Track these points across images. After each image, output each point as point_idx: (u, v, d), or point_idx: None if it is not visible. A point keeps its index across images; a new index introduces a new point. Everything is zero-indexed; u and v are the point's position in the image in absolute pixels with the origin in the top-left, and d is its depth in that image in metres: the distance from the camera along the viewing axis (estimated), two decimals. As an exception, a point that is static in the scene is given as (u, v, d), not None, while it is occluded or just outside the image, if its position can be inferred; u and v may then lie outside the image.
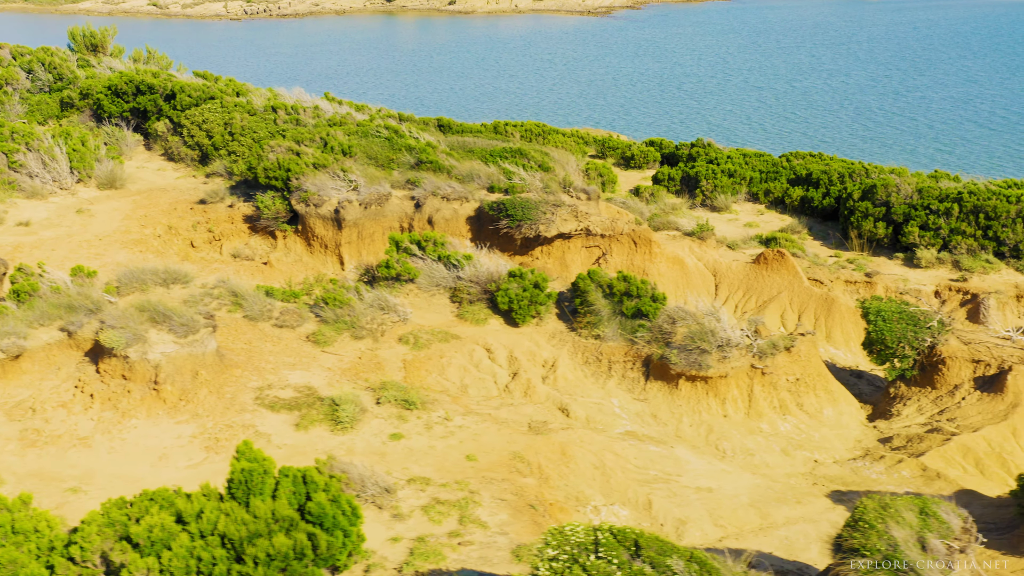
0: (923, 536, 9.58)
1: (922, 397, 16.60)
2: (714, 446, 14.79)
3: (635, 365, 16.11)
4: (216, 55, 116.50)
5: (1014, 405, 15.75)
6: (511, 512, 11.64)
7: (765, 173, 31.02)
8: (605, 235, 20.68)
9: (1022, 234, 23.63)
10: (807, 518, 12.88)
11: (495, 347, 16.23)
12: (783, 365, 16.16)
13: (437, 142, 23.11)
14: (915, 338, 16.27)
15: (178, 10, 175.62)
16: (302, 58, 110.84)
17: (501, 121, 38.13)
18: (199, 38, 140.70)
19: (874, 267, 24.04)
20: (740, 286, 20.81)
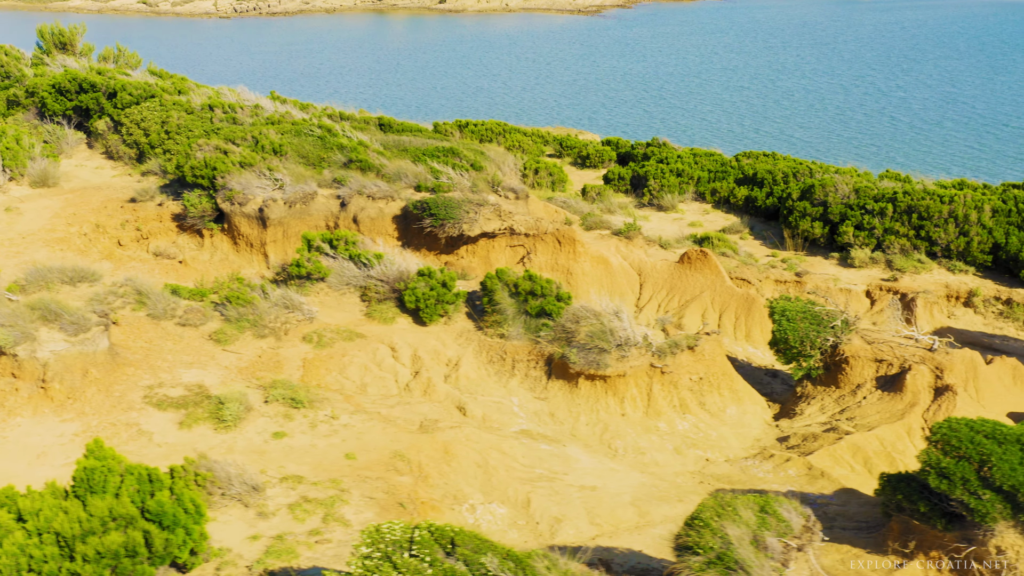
0: (759, 534, 9.64)
1: (826, 396, 16.68)
2: (607, 445, 14.85)
3: (538, 364, 16.18)
4: (198, 54, 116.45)
5: (912, 405, 15.84)
6: (378, 510, 11.69)
7: (714, 173, 31.09)
8: (529, 234, 20.73)
9: (953, 234, 23.70)
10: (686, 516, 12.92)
11: (400, 346, 16.29)
12: (686, 364, 16.22)
13: (370, 141, 23.15)
14: (818, 337, 16.34)
15: (168, 8, 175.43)
16: (285, 57, 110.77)
17: (450, 121, 38.21)
18: (186, 36, 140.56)
19: (807, 267, 24.12)
20: (664, 285, 20.88)
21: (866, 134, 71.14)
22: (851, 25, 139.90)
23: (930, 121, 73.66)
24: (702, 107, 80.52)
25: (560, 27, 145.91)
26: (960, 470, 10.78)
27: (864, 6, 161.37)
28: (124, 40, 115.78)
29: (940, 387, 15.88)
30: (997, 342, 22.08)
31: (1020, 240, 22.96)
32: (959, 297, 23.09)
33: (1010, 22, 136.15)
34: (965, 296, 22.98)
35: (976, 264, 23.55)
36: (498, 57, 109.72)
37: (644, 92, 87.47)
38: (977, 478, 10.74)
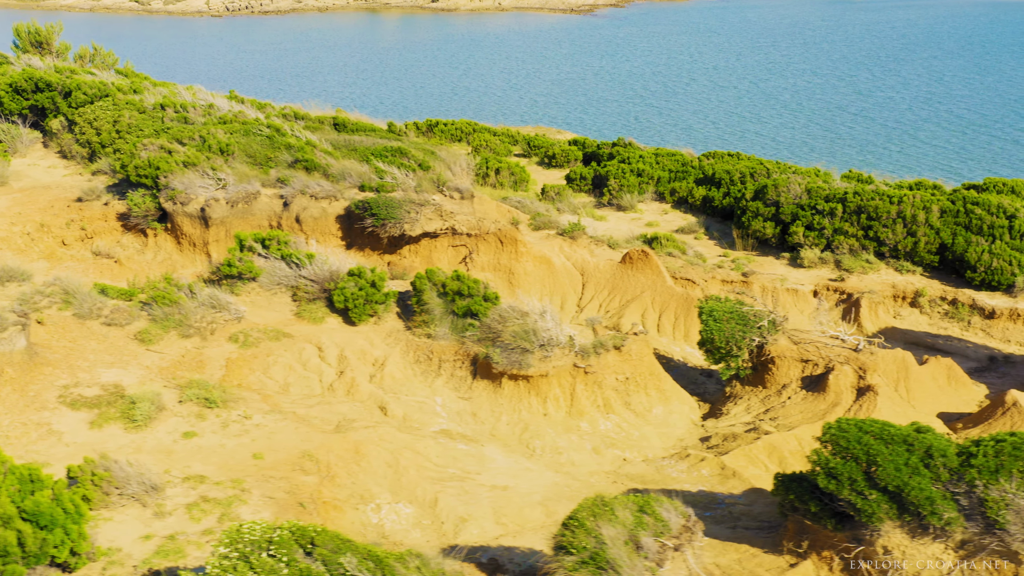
0: (635, 534, 9.69)
1: (752, 396, 16.73)
2: (526, 444, 14.90)
3: (464, 364, 16.22)
4: (185, 53, 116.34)
5: (834, 404, 15.90)
6: (276, 510, 11.73)
7: (674, 173, 31.13)
8: (471, 234, 20.77)
9: (901, 235, 23.76)
10: (593, 516, 12.97)
11: (327, 346, 16.33)
12: (612, 364, 16.27)
13: (319, 141, 23.18)
14: (743, 338, 16.39)
15: (160, 6, 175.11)
16: (273, 56, 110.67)
17: (420, 120, 38.22)
18: (175, 35, 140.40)
19: (756, 267, 24.18)
20: (606, 285, 20.92)
21: (848, 134, 71.17)
22: (841, 25, 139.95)
23: (913, 121, 73.72)
24: (685, 107, 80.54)
25: (551, 26, 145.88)
26: (848, 470, 10.84)
27: (856, 6, 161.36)
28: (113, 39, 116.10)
29: (863, 387, 15.93)
30: (940, 342, 22.14)
31: (966, 240, 23.02)
32: (906, 297, 23.15)
33: (1000, 22, 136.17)
34: (911, 296, 23.05)
35: (923, 264, 23.62)
36: (486, 56, 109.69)
37: (629, 92, 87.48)
38: (864, 478, 10.80)
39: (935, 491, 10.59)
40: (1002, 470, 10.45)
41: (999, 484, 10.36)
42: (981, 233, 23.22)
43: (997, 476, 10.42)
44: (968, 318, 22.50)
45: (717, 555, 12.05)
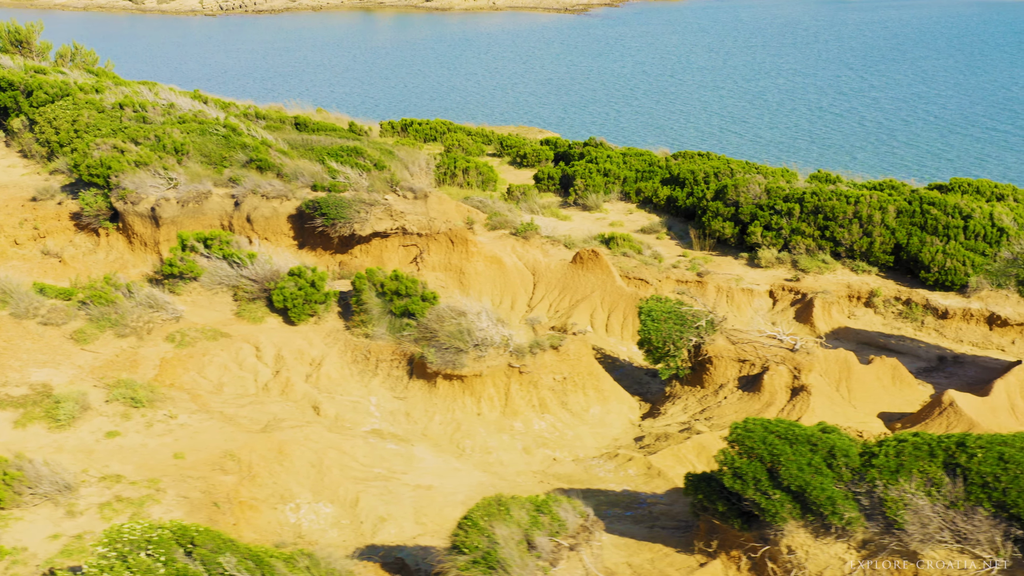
0: (530, 534, 9.72)
1: (690, 396, 16.76)
2: (456, 444, 14.92)
3: (401, 364, 16.24)
4: (175, 52, 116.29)
5: (768, 404, 15.93)
6: (189, 509, 11.76)
7: (641, 172, 31.16)
8: (422, 234, 20.80)
9: (857, 235, 23.79)
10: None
11: (265, 345, 16.35)
12: (550, 364, 16.29)
13: (275, 140, 23.20)
14: (680, 338, 16.42)
15: (153, 5, 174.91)
16: (262, 55, 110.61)
17: (396, 120, 38.22)
18: (166, 34, 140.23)
19: (714, 266, 24.21)
20: (557, 285, 20.95)
21: (830, 135, 71.18)
22: (833, 25, 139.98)
23: (895, 122, 73.75)
24: (670, 108, 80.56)
25: (544, 26, 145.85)
26: (752, 470, 10.88)
27: (850, 5, 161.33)
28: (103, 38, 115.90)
29: (797, 387, 15.97)
30: (893, 342, 22.17)
31: (921, 240, 23.06)
32: (860, 297, 23.18)
33: (992, 22, 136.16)
34: (866, 296, 23.08)
35: (879, 265, 23.64)
36: (476, 56, 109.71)
37: (615, 92, 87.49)
38: (768, 478, 10.84)
39: (837, 491, 10.62)
40: (902, 470, 10.49)
41: (899, 484, 10.40)
42: (936, 233, 23.25)
43: (897, 476, 10.46)
44: (921, 318, 22.53)
45: (631, 554, 12.09)
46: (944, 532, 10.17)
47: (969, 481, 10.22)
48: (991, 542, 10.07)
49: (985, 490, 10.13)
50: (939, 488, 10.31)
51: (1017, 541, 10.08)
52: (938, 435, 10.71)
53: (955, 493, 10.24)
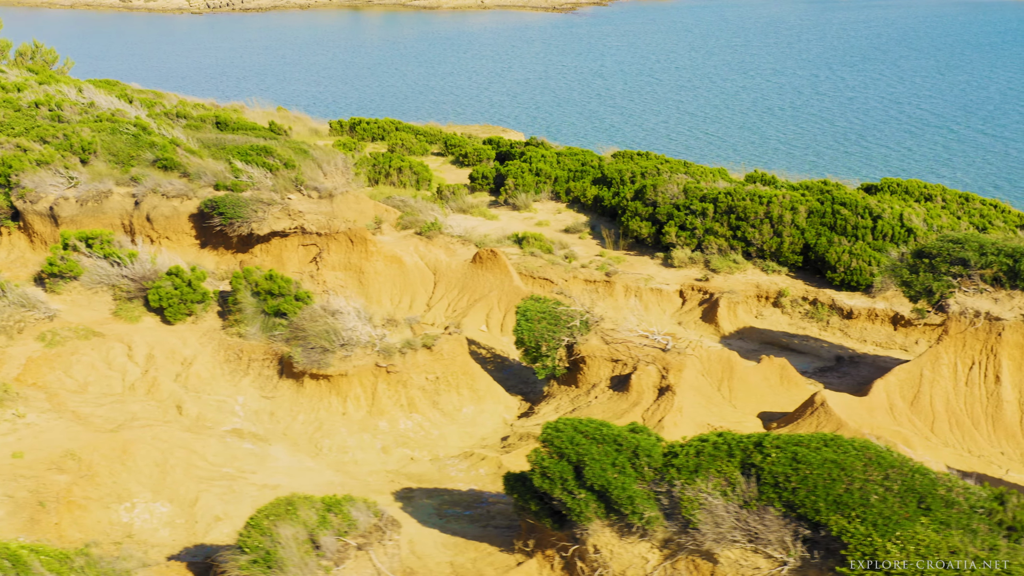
0: (316, 534, 9.76)
1: (565, 396, 16.82)
2: (315, 444, 14.97)
3: (272, 363, 16.28)
4: (151, 51, 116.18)
5: (635, 404, 15.99)
6: (11, 509, 11.80)
7: (574, 172, 31.20)
8: (321, 234, 20.84)
9: (768, 235, 23.85)
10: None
11: (137, 345, 16.37)
12: (422, 364, 16.34)
13: (185, 139, 23.23)
14: (552, 338, 16.46)
15: (140, 3, 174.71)
16: (239, 54, 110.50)
17: (345, 119, 38.23)
18: (147, 33, 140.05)
19: (627, 266, 24.27)
20: (456, 284, 21.00)
21: (803, 135, 71.28)
22: (817, 24, 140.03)
23: (866, 122, 73.77)
24: (644, 107, 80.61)
25: (530, 25, 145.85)
26: (559, 470, 10.93)
27: (838, 4, 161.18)
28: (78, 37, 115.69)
29: (664, 387, 16.02)
30: (796, 342, 22.23)
31: (829, 241, 23.12)
32: (769, 297, 23.24)
33: (978, 23, 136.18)
34: (774, 296, 23.14)
35: (788, 265, 23.71)
36: (456, 55, 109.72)
37: (591, 92, 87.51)
38: (574, 478, 10.89)
39: (638, 490, 10.68)
40: (700, 470, 10.54)
41: (695, 484, 10.45)
42: (845, 234, 23.31)
43: (695, 476, 10.51)
44: (827, 318, 22.60)
45: (457, 554, 12.14)
46: (737, 532, 10.23)
47: (762, 481, 10.28)
48: (781, 542, 10.13)
49: (776, 490, 10.18)
50: (734, 488, 10.36)
51: (806, 541, 10.14)
52: (741, 435, 10.77)
53: (749, 493, 10.30)
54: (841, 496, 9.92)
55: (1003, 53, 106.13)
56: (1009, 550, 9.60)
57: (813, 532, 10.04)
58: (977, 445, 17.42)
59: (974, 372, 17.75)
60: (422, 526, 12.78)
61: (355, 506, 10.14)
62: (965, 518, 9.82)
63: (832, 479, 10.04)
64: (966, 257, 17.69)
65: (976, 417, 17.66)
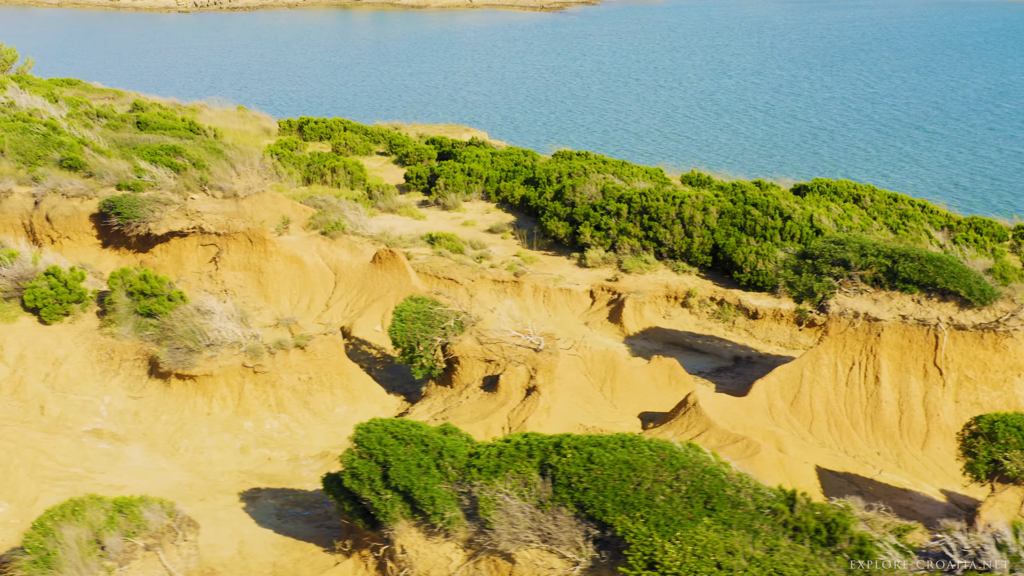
0: (100, 535, 9.79)
1: (439, 396, 16.85)
2: (173, 444, 14.99)
3: (142, 364, 16.30)
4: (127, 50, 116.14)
5: (502, 404, 16.02)
6: None
7: (506, 172, 31.24)
8: (220, 233, 20.86)
9: (679, 235, 23.88)
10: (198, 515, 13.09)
11: (10, 345, 16.39)
12: (294, 364, 16.37)
13: (95, 139, 23.25)
14: (425, 338, 16.49)
15: (128, 2, 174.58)
16: (220, 54, 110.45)
17: (295, 118, 38.26)
18: (129, 32, 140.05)
19: (539, 267, 24.29)
20: (356, 285, 21.03)
21: (776, 135, 71.27)
22: (803, 24, 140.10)
23: (844, 123, 73.71)
24: (619, 107, 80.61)
25: (516, 24, 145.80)
26: (367, 470, 10.97)
27: (826, 4, 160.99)
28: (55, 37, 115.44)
29: (531, 387, 16.05)
30: (700, 342, 22.27)
31: (737, 241, 23.15)
32: (677, 297, 23.28)
33: (963, 22, 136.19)
34: (683, 297, 23.18)
35: (699, 265, 23.75)
36: (436, 54, 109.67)
37: (566, 92, 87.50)
38: (382, 478, 10.92)
39: (441, 491, 10.71)
40: (500, 471, 10.57)
41: (494, 484, 10.48)
42: (754, 234, 23.35)
43: (494, 476, 10.54)
44: (733, 318, 22.63)
45: (283, 554, 12.17)
46: (530, 532, 10.26)
47: (557, 482, 10.32)
48: (573, 542, 10.16)
49: (569, 491, 10.22)
50: (531, 489, 10.40)
51: (597, 541, 10.17)
52: (544, 436, 10.80)
53: (544, 494, 10.33)
54: (628, 497, 9.95)
55: (984, 54, 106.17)
56: (789, 551, 9.65)
57: (602, 532, 10.08)
58: (854, 445, 17.47)
59: (854, 372, 17.80)
60: (258, 526, 12.82)
61: (148, 507, 10.17)
62: (749, 518, 9.85)
63: (622, 480, 10.08)
64: (847, 258, 17.73)
65: (855, 417, 17.70)
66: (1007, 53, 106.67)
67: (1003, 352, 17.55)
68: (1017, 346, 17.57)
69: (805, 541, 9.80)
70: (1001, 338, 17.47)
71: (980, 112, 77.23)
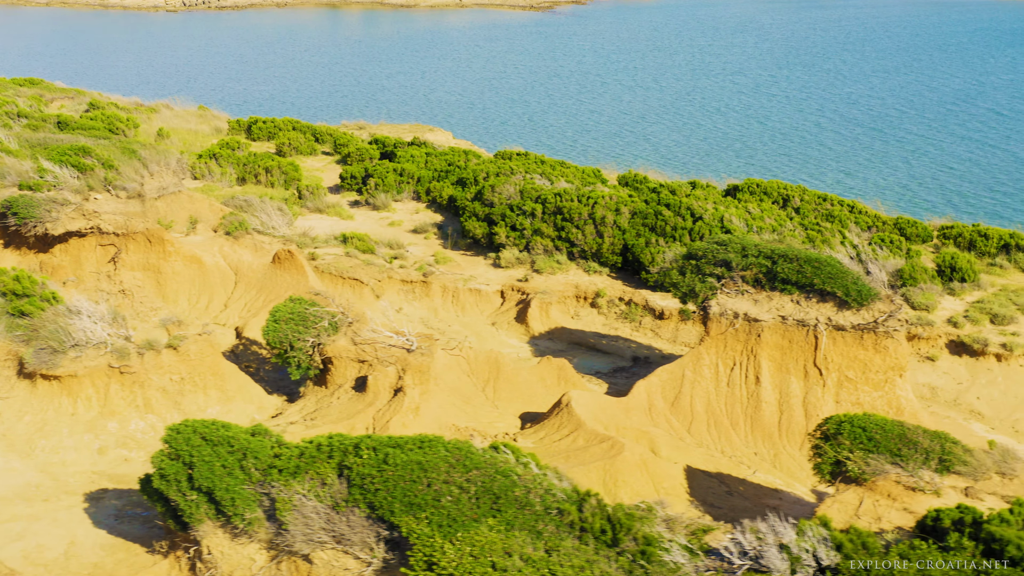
0: None
1: (314, 396, 16.85)
2: (31, 444, 14.97)
3: (12, 364, 16.27)
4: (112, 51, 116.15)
5: (369, 404, 16.01)
6: None
7: (439, 172, 31.22)
8: (119, 233, 20.84)
9: (591, 235, 23.86)
10: (36, 515, 13.10)
11: None
12: (167, 364, 16.36)
13: (3, 139, 23.24)
14: (298, 339, 16.48)
15: (116, 1, 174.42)
16: (203, 54, 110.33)
17: (244, 118, 38.19)
18: (114, 32, 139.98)
19: (453, 267, 24.28)
20: (255, 285, 21.02)
21: (745, 135, 71.14)
22: (788, 24, 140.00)
23: (817, 124, 73.60)
24: (591, 108, 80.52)
25: (503, 24, 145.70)
26: (175, 471, 10.96)
27: (814, 4, 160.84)
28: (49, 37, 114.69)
29: (399, 387, 16.04)
30: (604, 342, 22.26)
31: (646, 241, 23.15)
32: (587, 298, 23.27)
33: (952, 22, 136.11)
34: (592, 297, 23.17)
35: (610, 265, 23.74)
36: (418, 54, 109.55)
37: (541, 93, 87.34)
38: (188, 479, 10.91)
39: (243, 492, 10.70)
40: (300, 472, 10.57)
41: (291, 486, 10.48)
42: (664, 235, 23.34)
43: (293, 478, 10.54)
44: (640, 318, 22.63)
45: (109, 555, 12.16)
46: (323, 533, 10.26)
47: (352, 483, 10.31)
48: (364, 543, 10.16)
49: (362, 491, 10.22)
50: (328, 490, 10.39)
51: (388, 542, 10.17)
52: (346, 437, 10.79)
53: (339, 495, 10.33)
54: (415, 498, 9.95)
55: (966, 54, 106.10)
56: (572, 551, 9.64)
57: (391, 533, 10.08)
58: (732, 446, 17.46)
59: (735, 373, 17.79)
60: (93, 527, 12.82)
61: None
62: (534, 519, 9.85)
63: (412, 481, 10.07)
64: (729, 259, 17.72)
65: (735, 418, 17.69)
66: (989, 53, 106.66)
67: (883, 353, 17.54)
68: (898, 347, 17.57)
69: (590, 542, 9.80)
70: (881, 339, 17.46)
71: (956, 113, 77.15)
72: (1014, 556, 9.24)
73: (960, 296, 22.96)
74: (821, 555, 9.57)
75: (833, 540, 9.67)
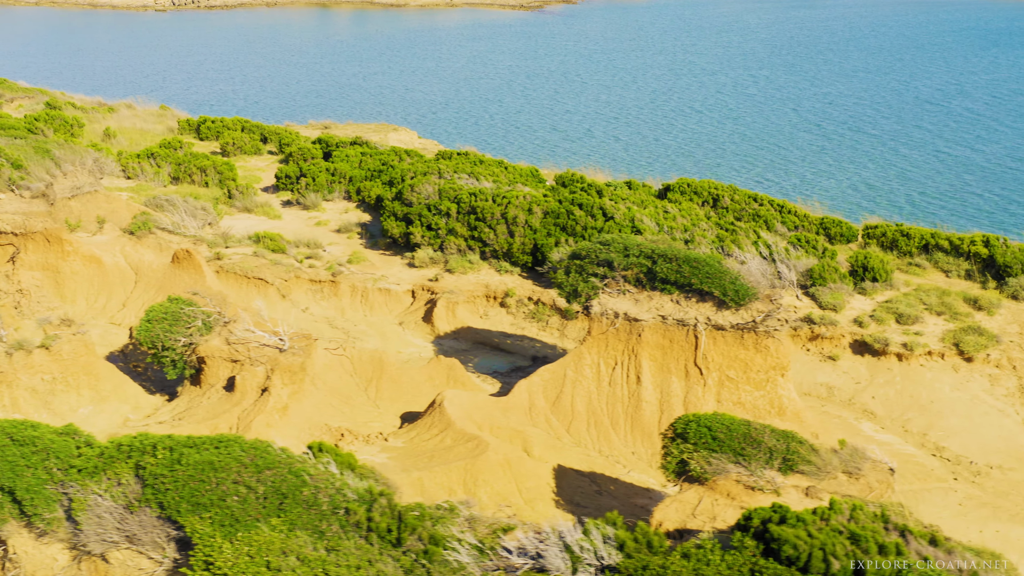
0: None
1: (188, 395, 16.83)
2: None
3: None
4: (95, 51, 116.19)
5: (236, 404, 16.00)
6: None
7: (371, 172, 31.19)
8: (17, 233, 20.82)
9: (503, 235, 23.84)
10: None
11: None
12: (38, 364, 16.34)
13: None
14: (169, 338, 16.46)
15: (104, 0, 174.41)
16: (185, 54, 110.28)
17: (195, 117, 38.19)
18: (97, 32, 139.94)
19: (367, 267, 24.26)
20: (155, 284, 21.00)
21: (716, 136, 71.05)
22: (775, 23, 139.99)
23: (790, 124, 73.54)
24: (566, 108, 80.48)
25: (490, 24, 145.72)
26: (-20, 471, 10.89)
27: (803, 3, 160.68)
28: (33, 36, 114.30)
29: (265, 387, 16.02)
30: (508, 342, 22.23)
31: (556, 241, 23.12)
32: (497, 297, 23.24)
33: (944, 22, 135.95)
34: (502, 297, 23.14)
35: (521, 265, 23.71)
36: (399, 54, 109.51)
37: (517, 94, 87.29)
38: (-8, 479, 10.85)
39: (45, 492, 10.67)
40: (98, 472, 10.54)
41: (88, 486, 10.45)
42: (575, 234, 23.32)
43: (91, 478, 10.51)
44: (547, 318, 22.61)
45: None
46: (115, 533, 10.23)
47: (145, 483, 10.29)
48: (155, 543, 10.13)
49: (154, 491, 10.19)
50: (124, 490, 10.37)
51: (179, 542, 10.14)
52: (147, 436, 10.77)
53: (133, 495, 10.30)
54: (202, 497, 9.92)
55: (949, 54, 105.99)
56: (355, 551, 9.62)
57: (180, 533, 10.05)
58: (610, 445, 17.43)
59: (617, 372, 17.76)
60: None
61: None
62: (318, 519, 9.83)
63: (201, 480, 10.05)
64: (611, 258, 17.68)
65: (616, 417, 17.66)
66: (973, 52, 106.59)
67: (764, 352, 17.51)
68: (779, 346, 17.54)
69: (375, 541, 9.78)
70: (762, 338, 17.43)
71: (933, 112, 77.05)
72: (789, 555, 9.22)
73: (871, 296, 22.92)
74: (603, 554, 9.55)
75: (617, 539, 9.64)
